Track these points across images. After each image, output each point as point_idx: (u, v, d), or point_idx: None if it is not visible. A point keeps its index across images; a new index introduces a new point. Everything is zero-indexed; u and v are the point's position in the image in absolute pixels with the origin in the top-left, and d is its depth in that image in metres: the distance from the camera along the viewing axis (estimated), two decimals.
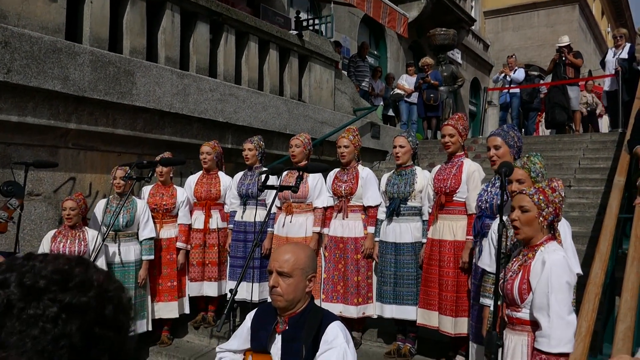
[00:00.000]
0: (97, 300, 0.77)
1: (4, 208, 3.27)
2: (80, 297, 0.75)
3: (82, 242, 4.31)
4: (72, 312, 0.74)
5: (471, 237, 3.80)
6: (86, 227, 4.46)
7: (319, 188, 4.68)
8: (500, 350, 2.28)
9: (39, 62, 4.35)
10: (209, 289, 5.08)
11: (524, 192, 2.56)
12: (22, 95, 4.35)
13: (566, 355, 2.34)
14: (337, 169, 4.74)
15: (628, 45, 9.01)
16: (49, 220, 4.73)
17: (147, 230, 4.72)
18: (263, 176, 3.15)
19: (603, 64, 9.65)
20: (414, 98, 10.80)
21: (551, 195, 2.52)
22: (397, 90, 11.09)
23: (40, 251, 4.30)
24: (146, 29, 5.63)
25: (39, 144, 4.64)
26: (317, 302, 4.46)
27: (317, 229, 4.62)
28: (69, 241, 4.28)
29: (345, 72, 10.06)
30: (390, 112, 11.61)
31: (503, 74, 11.02)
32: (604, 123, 12.37)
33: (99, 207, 4.71)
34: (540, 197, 2.50)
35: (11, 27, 4.25)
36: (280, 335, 2.22)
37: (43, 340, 0.72)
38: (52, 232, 4.37)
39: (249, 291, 4.51)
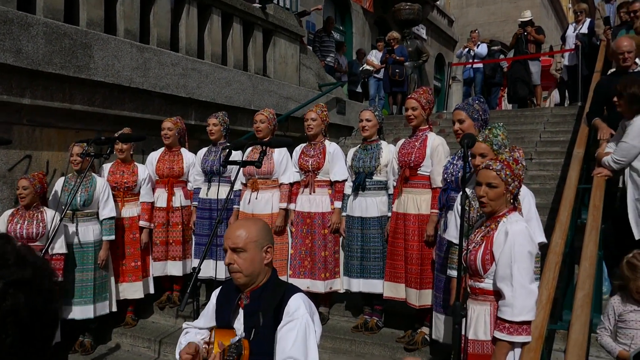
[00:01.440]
0: (34, 275, 0.80)
1: None
2: (23, 273, 0.78)
3: (40, 223, 4.17)
4: (18, 287, 0.76)
5: (436, 211, 3.83)
6: (45, 207, 4.32)
7: (284, 164, 4.64)
8: (464, 320, 2.31)
9: None
10: (174, 268, 5.01)
11: (490, 167, 2.56)
12: None
13: (528, 323, 2.39)
14: (303, 144, 4.69)
15: (588, 20, 9.16)
16: (4, 200, 4.56)
17: (107, 210, 4.59)
18: (226, 152, 3.09)
19: (564, 38, 9.81)
20: (382, 74, 10.78)
21: (516, 168, 2.54)
22: (366, 66, 11.03)
23: None
24: (104, 0, 5.41)
25: None
26: (284, 278, 4.48)
27: (284, 205, 4.59)
28: (26, 222, 4.14)
29: (311, 48, 9.94)
30: (359, 89, 11.56)
31: (467, 49, 11.08)
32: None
33: (59, 186, 4.56)
34: (507, 172, 2.52)
35: None
36: (242, 310, 2.20)
37: None
38: (7, 213, 4.22)
39: (214, 269, 4.46)
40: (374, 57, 11.15)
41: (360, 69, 11.28)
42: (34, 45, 4.45)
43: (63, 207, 4.18)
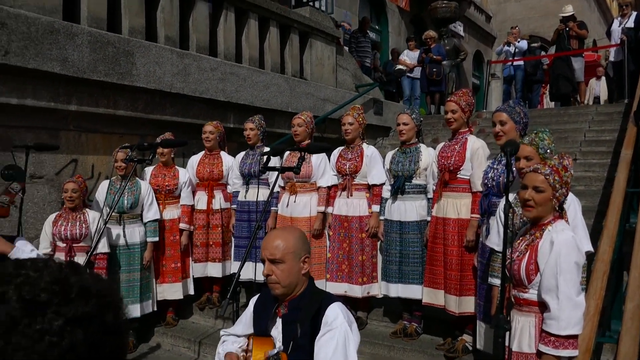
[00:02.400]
0: (98, 309, 0.77)
1: (5, 192, 3.24)
2: (84, 308, 0.75)
3: (83, 225, 4.29)
4: (77, 324, 0.74)
5: (476, 216, 3.76)
6: (87, 209, 4.44)
7: (322, 167, 4.64)
8: (507, 332, 2.26)
9: (36, 44, 4.28)
10: (213, 269, 5.09)
11: (538, 171, 2.50)
12: (21, 77, 4.29)
13: (575, 337, 2.32)
14: (341, 147, 4.69)
15: (634, 14, 8.84)
16: (52, 203, 4.72)
17: (151, 212, 4.71)
18: (265, 158, 3.12)
19: (609, 33, 9.49)
20: (416, 73, 10.66)
21: (564, 175, 2.47)
22: (398, 66, 10.95)
23: (42, 235, 4.31)
24: (145, 8, 5.53)
25: (40, 127, 4.60)
26: (321, 282, 4.49)
27: (322, 209, 4.59)
28: (69, 224, 4.27)
29: (347, 48, 9.92)
30: (393, 89, 11.47)
31: (508, 44, 10.82)
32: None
33: (102, 189, 4.69)
34: (556, 178, 2.45)
35: (7, 7, 4.17)
36: (281, 319, 2.21)
37: (50, 354, 0.71)
38: (52, 216, 4.36)
39: (253, 271, 4.50)
40: (407, 56, 11.03)
41: (394, 68, 11.20)
42: (79, 53, 4.59)
43: (108, 209, 4.30)
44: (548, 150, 2.98)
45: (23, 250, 3.20)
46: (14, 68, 4.17)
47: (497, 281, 3.01)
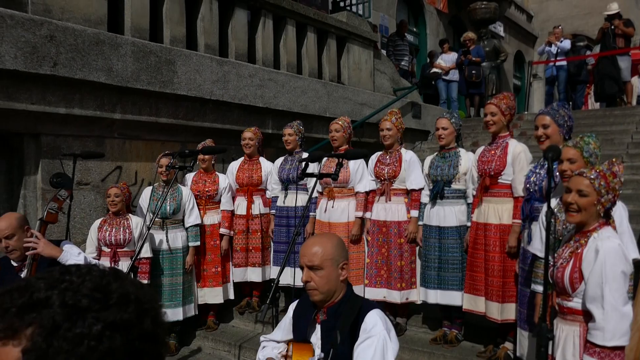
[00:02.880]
0: (137, 315, 0.80)
1: (54, 199, 3.37)
2: (122, 315, 0.78)
3: (127, 230, 4.41)
4: (116, 330, 0.77)
5: (518, 221, 3.69)
6: (130, 214, 4.57)
7: (360, 172, 4.64)
8: (550, 341, 2.21)
9: (83, 55, 4.44)
10: (253, 274, 5.15)
11: (584, 174, 2.43)
12: (69, 87, 4.46)
13: (621, 348, 2.25)
14: (379, 152, 4.68)
15: None
16: (98, 209, 4.87)
17: (192, 217, 4.81)
18: (303, 164, 3.14)
19: None
20: (452, 75, 10.52)
21: (612, 181, 2.39)
22: (434, 69, 10.83)
23: (88, 240, 4.45)
24: (185, 18, 5.66)
25: (86, 135, 4.76)
26: (360, 287, 4.48)
27: (360, 214, 4.59)
28: (114, 229, 4.39)
29: (384, 52, 9.89)
30: (431, 92, 11.35)
31: (550, 44, 10.56)
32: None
33: (145, 195, 4.82)
34: (602, 183, 2.38)
35: (56, 21, 4.34)
36: (319, 325, 2.22)
37: (89, 358, 0.74)
38: (98, 221, 4.49)
39: (292, 276, 4.53)
40: (442, 59, 10.86)
41: (427, 71, 11.08)
42: (123, 63, 4.73)
43: (151, 215, 4.41)
44: (593, 155, 2.90)
45: (71, 253, 3.33)
46: (62, 79, 4.34)
47: (539, 288, 2.95)
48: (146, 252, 4.45)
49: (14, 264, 3.23)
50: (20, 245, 3.14)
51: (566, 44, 10.43)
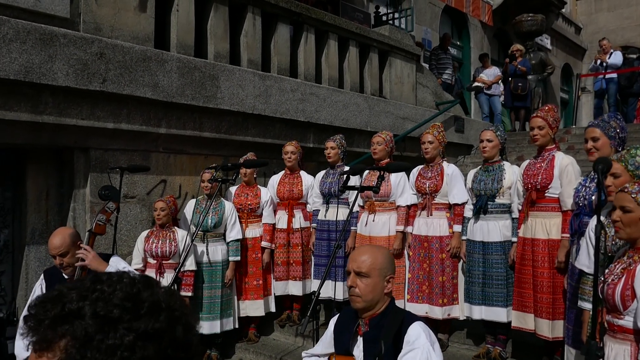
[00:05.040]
0: (168, 324, 0.80)
1: (102, 211, 3.46)
2: (154, 324, 0.78)
3: (173, 242, 4.49)
4: (148, 339, 0.77)
5: (567, 235, 3.57)
6: (176, 227, 4.65)
7: (401, 186, 4.59)
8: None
9: (130, 71, 4.58)
10: (294, 288, 5.14)
11: (626, 190, 2.34)
12: (117, 103, 4.60)
13: None
14: (420, 166, 4.62)
15: None
16: (144, 221, 4.98)
17: (234, 232, 4.85)
18: (344, 177, 3.14)
19: None
20: (494, 90, 10.32)
21: None
22: (475, 83, 10.67)
23: (135, 251, 4.56)
24: (229, 33, 5.78)
25: (132, 149, 4.90)
26: (401, 302, 4.41)
27: (401, 228, 4.53)
28: (160, 241, 4.48)
29: (427, 65, 9.82)
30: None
31: (599, 61, 10.25)
32: None
33: (189, 208, 4.90)
34: None
35: (105, 38, 4.50)
36: (361, 337, 2.21)
37: None
38: (145, 233, 4.60)
39: (332, 290, 4.51)
40: (484, 74, 10.66)
41: (468, 85, 10.89)
42: (168, 79, 4.86)
43: (194, 228, 4.48)
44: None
45: (117, 268, 3.39)
46: (110, 94, 4.48)
47: (587, 305, 2.83)
48: (191, 265, 4.51)
49: (66, 276, 3.32)
50: (73, 262, 3.18)
51: (617, 57, 10.10)
